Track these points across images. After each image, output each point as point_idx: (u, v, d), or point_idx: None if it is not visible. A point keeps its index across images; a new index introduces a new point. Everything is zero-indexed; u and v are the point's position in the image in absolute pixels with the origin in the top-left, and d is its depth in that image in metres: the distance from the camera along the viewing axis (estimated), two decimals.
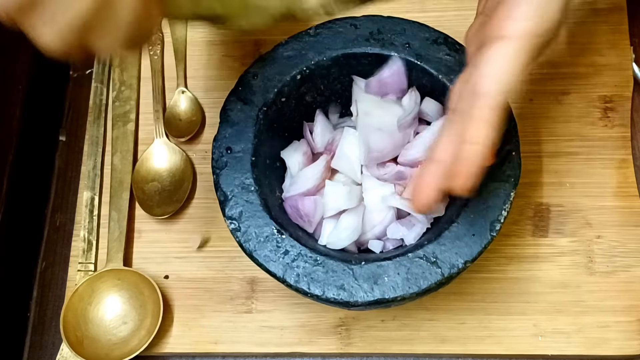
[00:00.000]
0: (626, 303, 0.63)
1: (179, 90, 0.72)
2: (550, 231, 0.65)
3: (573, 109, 0.69)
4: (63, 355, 0.64)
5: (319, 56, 0.60)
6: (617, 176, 0.67)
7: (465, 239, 0.54)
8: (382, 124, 0.59)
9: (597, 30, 0.71)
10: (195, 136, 0.71)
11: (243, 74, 0.60)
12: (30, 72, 0.71)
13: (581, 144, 0.68)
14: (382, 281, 0.53)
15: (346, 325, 0.64)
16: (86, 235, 0.68)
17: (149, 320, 0.64)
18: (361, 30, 0.61)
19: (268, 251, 0.55)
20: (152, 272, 0.66)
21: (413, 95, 0.59)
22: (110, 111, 0.72)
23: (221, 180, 0.57)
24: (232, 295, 0.65)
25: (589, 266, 0.64)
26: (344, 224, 0.57)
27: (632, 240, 0.65)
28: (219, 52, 0.73)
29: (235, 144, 0.58)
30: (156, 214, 0.68)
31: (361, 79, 0.61)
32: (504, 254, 0.65)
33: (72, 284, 0.66)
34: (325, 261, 0.54)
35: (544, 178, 0.67)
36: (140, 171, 0.69)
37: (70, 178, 0.72)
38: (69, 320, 0.64)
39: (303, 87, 0.61)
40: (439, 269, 0.53)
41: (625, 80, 0.69)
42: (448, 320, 0.63)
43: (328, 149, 0.61)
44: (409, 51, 0.60)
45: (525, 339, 0.63)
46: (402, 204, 0.58)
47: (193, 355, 0.65)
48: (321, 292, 0.53)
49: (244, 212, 0.56)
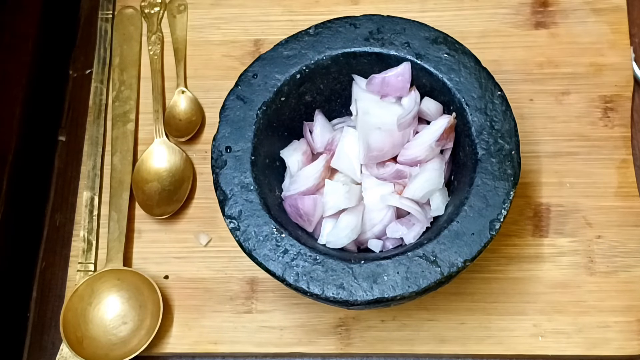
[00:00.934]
0: (626, 303, 0.63)
1: (179, 90, 0.72)
2: (550, 231, 0.65)
3: (573, 109, 0.69)
4: (63, 355, 0.64)
5: (319, 55, 0.60)
6: (617, 176, 0.67)
7: (465, 238, 0.54)
8: (381, 123, 0.59)
9: (597, 30, 0.71)
10: (195, 136, 0.71)
11: (242, 73, 0.60)
12: (30, 72, 0.71)
13: (581, 144, 0.68)
14: (381, 280, 0.53)
15: (346, 326, 0.64)
16: (86, 235, 0.68)
17: (148, 321, 0.64)
18: (361, 30, 0.61)
19: (267, 250, 0.55)
20: (152, 272, 0.66)
21: (413, 94, 0.59)
22: (110, 111, 0.72)
23: (221, 180, 0.57)
24: (232, 296, 0.65)
25: (589, 266, 0.64)
26: (343, 223, 0.57)
27: (632, 240, 0.65)
28: (219, 52, 0.73)
29: (235, 143, 0.58)
30: (156, 214, 0.68)
31: (361, 78, 0.61)
32: (504, 254, 0.65)
33: (72, 284, 0.66)
34: (324, 260, 0.54)
35: (544, 178, 0.67)
36: (140, 171, 0.69)
37: (70, 178, 0.72)
38: (69, 320, 0.64)
39: (303, 87, 0.61)
40: (438, 268, 0.53)
41: (625, 80, 0.69)
42: (448, 320, 0.63)
43: (328, 148, 0.61)
44: (408, 50, 0.60)
45: (525, 339, 0.63)
46: (401, 203, 0.58)
47: (193, 355, 0.65)
48: (320, 291, 0.53)
49: (244, 211, 0.56)
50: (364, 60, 0.61)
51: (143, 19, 0.76)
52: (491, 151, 0.56)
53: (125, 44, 0.75)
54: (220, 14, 0.75)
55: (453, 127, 0.58)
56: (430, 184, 0.57)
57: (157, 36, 0.74)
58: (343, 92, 0.63)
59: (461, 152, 0.59)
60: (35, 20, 0.73)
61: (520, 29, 0.72)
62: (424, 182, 0.57)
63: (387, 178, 0.59)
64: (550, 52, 0.71)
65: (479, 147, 0.57)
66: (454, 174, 0.60)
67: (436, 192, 0.58)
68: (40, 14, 0.73)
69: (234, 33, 0.74)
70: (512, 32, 0.72)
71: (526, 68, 0.70)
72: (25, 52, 0.71)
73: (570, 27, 0.72)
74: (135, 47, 0.74)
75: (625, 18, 0.71)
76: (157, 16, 0.75)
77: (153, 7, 0.76)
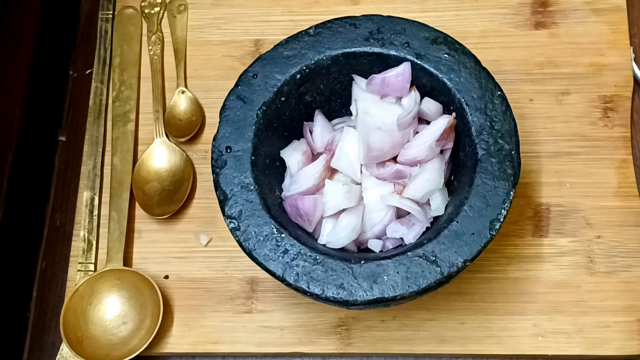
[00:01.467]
0: (626, 303, 0.63)
1: (179, 90, 0.72)
2: (550, 231, 0.65)
3: (573, 109, 0.69)
4: (63, 355, 0.64)
5: (319, 56, 0.60)
6: (617, 176, 0.67)
7: (465, 238, 0.54)
8: (381, 123, 0.59)
9: (597, 30, 0.71)
10: (195, 136, 0.71)
11: (243, 73, 0.60)
12: (30, 72, 0.71)
13: (581, 144, 0.68)
14: (381, 280, 0.53)
15: (346, 326, 0.64)
16: (86, 235, 0.68)
17: (149, 320, 0.64)
18: (361, 30, 0.61)
19: (267, 250, 0.55)
20: (152, 272, 0.66)
21: (413, 94, 0.59)
22: (110, 111, 0.72)
23: (221, 180, 0.57)
24: (232, 295, 0.65)
25: (589, 266, 0.64)
26: (343, 223, 0.57)
27: (632, 240, 0.65)
28: (219, 52, 0.73)
29: (235, 143, 0.58)
30: (156, 214, 0.68)
31: (361, 78, 0.61)
32: (504, 254, 0.65)
33: (72, 284, 0.66)
34: (324, 260, 0.54)
35: (544, 178, 0.67)
36: (140, 171, 0.69)
37: (70, 178, 0.72)
38: (69, 320, 0.64)
39: (303, 87, 0.61)
40: (438, 267, 0.53)
41: (625, 80, 0.69)
42: (448, 320, 0.63)
43: (328, 148, 0.61)
44: (408, 51, 0.60)
45: (525, 339, 0.63)
46: (401, 203, 0.58)
47: (193, 355, 0.65)
48: (320, 291, 0.53)
49: (244, 211, 0.56)
50: (364, 60, 0.61)
51: (143, 19, 0.76)
52: (491, 151, 0.56)
53: (126, 44, 0.75)
54: (221, 14, 0.75)
55: (453, 127, 0.59)
56: (430, 184, 0.58)
57: (157, 36, 0.74)
58: (343, 92, 0.63)
59: (461, 152, 0.59)
60: (35, 20, 0.73)
61: (520, 29, 0.72)
62: (424, 182, 0.58)
63: (387, 178, 0.59)
64: (550, 52, 0.71)
65: (479, 147, 0.57)
66: (454, 174, 0.60)
67: (436, 192, 0.58)
68: (40, 14, 0.73)
69: (234, 33, 0.74)
70: (512, 32, 0.72)
71: (526, 68, 0.70)
72: (25, 52, 0.72)
73: (570, 27, 0.72)
74: (136, 47, 0.74)
75: (625, 18, 0.72)
76: (157, 16, 0.75)
77: (153, 7, 0.76)
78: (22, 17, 0.73)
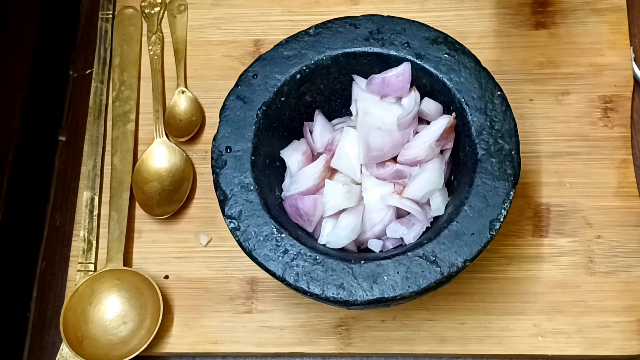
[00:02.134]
0: (626, 303, 0.63)
1: (179, 90, 0.72)
2: (550, 231, 0.65)
3: (573, 109, 0.69)
4: (63, 355, 0.64)
5: (319, 56, 0.60)
6: (617, 176, 0.67)
7: (465, 238, 0.54)
8: (381, 123, 0.59)
9: (597, 30, 0.71)
10: (195, 136, 0.71)
11: (243, 73, 0.60)
12: (30, 72, 0.71)
13: (581, 144, 0.68)
14: (381, 280, 0.53)
15: (346, 326, 0.64)
16: (86, 235, 0.68)
17: (149, 320, 0.64)
18: (361, 30, 0.61)
19: (267, 250, 0.55)
20: (152, 272, 0.66)
21: (413, 94, 0.59)
22: (110, 111, 0.72)
23: (221, 180, 0.57)
24: (232, 295, 0.65)
25: (589, 266, 0.64)
26: (343, 223, 0.57)
27: (632, 240, 0.65)
28: (219, 52, 0.73)
29: (235, 143, 0.58)
30: (156, 214, 0.68)
31: (361, 78, 0.61)
32: (504, 254, 0.65)
33: (72, 284, 0.66)
34: (324, 260, 0.54)
35: (544, 178, 0.67)
36: (140, 171, 0.69)
37: (70, 178, 0.72)
38: (69, 320, 0.64)
39: (303, 87, 0.61)
40: (438, 267, 0.53)
41: (625, 80, 0.69)
42: (448, 320, 0.63)
43: (328, 148, 0.61)
44: (408, 51, 0.60)
45: (525, 339, 0.63)
46: (401, 203, 0.58)
47: (193, 355, 0.65)
48: (320, 291, 0.53)
49: (244, 211, 0.56)
50: (364, 60, 0.61)
51: (143, 19, 0.76)
52: (491, 151, 0.56)
53: (126, 44, 0.75)
54: (221, 14, 0.75)
55: (453, 127, 0.59)
56: (430, 184, 0.58)
57: (157, 36, 0.74)
58: (343, 92, 0.63)
59: (461, 152, 0.59)
60: (35, 20, 0.73)
61: (520, 29, 0.72)
62: (424, 182, 0.58)
63: (387, 178, 0.59)
64: (550, 52, 0.71)
65: (479, 147, 0.57)
66: (454, 174, 0.60)
67: (436, 192, 0.58)
68: (40, 14, 0.73)
69: (234, 33, 0.74)
70: (512, 32, 0.72)
71: (526, 68, 0.70)
72: (25, 53, 0.72)
73: (570, 27, 0.72)
74: (136, 47, 0.74)
75: (625, 18, 0.71)
76: (157, 16, 0.75)
77: (153, 7, 0.76)
78: (22, 17, 0.73)
